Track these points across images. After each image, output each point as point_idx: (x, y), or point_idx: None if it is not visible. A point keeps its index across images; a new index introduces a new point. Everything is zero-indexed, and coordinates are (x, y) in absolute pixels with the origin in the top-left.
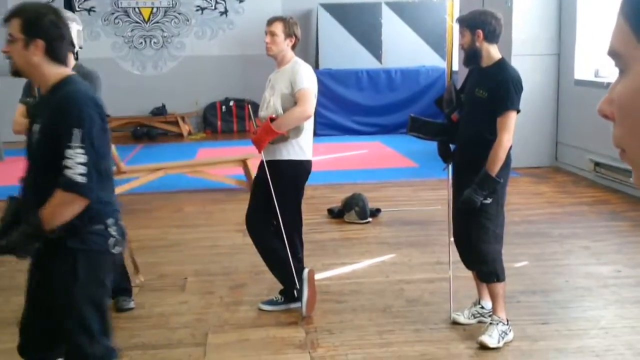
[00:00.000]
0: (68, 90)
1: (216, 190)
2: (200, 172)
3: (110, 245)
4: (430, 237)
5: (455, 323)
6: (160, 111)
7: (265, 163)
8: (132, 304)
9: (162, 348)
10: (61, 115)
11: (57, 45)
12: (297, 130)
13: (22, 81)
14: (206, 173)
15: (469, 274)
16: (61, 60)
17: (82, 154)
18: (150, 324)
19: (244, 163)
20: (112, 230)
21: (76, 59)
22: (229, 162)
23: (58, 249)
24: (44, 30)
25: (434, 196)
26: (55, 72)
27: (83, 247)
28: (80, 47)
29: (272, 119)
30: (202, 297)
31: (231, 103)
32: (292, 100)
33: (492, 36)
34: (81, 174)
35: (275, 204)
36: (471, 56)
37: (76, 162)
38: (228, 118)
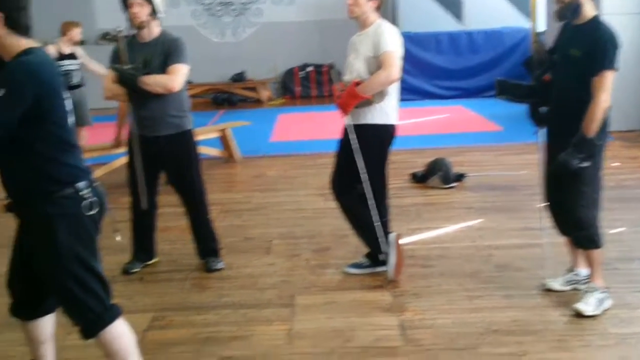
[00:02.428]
0: (20, 58)
1: (297, 155)
2: None
3: (84, 208)
4: (518, 202)
5: (548, 290)
6: (239, 77)
7: (349, 127)
8: (221, 265)
9: (252, 307)
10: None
11: (17, 15)
12: (381, 95)
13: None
14: None
15: (560, 239)
16: (22, 31)
17: None
18: (239, 284)
19: (223, 132)
20: (85, 194)
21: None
22: (211, 131)
23: (34, 215)
24: (2, 2)
25: (519, 160)
26: (17, 43)
27: (57, 212)
28: (163, 14)
29: (357, 83)
30: (287, 260)
31: (309, 68)
32: (377, 63)
33: None
34: None
35: (360, 169)
36: (571, 10)
37: None
38: (306, 83)
